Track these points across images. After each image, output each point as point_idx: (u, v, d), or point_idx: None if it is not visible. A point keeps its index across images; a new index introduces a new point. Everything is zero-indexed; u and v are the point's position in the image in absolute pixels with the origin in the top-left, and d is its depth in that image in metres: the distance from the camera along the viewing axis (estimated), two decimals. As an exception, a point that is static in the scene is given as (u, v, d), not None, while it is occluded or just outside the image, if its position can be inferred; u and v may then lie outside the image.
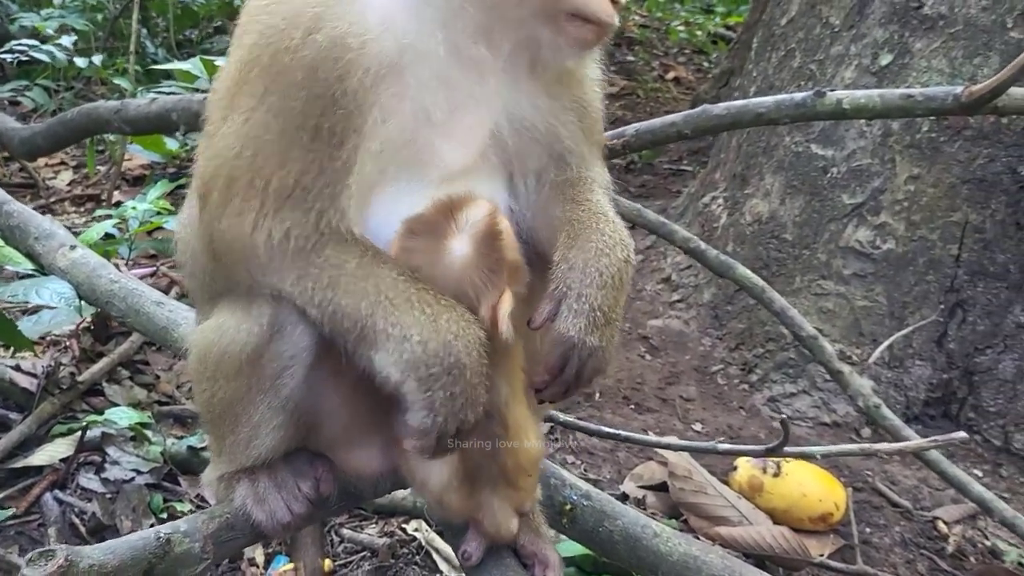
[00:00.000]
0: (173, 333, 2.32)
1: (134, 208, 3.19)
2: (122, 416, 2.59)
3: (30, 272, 2.59)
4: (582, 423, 2.61)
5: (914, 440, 2.50)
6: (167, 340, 2.34)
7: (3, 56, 4.64)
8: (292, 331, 1.38)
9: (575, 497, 2.11)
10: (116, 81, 4.42)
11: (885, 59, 3.16)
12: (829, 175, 3.27)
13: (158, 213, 3.25)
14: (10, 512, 2.46)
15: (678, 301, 3.86)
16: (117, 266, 3.17)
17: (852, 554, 2.63)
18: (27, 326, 2.75)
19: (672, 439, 2.85)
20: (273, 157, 1.33)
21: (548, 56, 1.47)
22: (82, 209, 4.94)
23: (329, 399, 1.49)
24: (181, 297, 3.73)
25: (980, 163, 2.98)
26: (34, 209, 4.75)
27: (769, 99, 2.59)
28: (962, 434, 2.08)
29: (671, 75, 8.38)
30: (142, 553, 1.48)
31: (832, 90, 2.50)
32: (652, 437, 2.75)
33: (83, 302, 2.49)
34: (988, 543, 2.75)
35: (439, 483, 1.49)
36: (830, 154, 3.27)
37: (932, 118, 3.03)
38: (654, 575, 2.11)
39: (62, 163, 5.58)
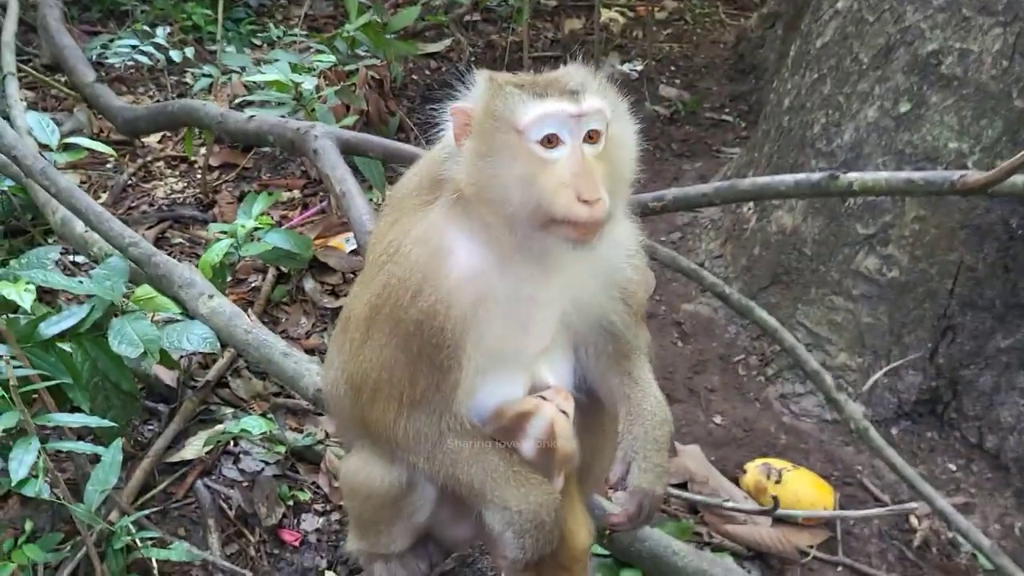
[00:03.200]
0: (300, 382, 2.94)
1: (243, 226, 3.74)
2: (255, 425, 3.23)
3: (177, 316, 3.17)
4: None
5: (904, 467, 3.06)
6: (296, 388, 2.96)
7: (111, 61, 5.06)
8: (423, 488, 2.00)
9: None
10: (205, 69, 4.84)
11: (904, 107, 3.51)
12: (847, 205, 3.69)
13: (258, 228, 3.81)
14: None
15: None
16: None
17: (836, 544, 3.28)
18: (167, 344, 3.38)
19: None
20: (404, 380, 1.90)
21: (560, 252, 1.88)
22: (177, 172, 5.49)
23: (443, 509, 2.12)
24: (278, 280, 4.35)
25: (978, 213, 3.39)
26: (134, 172, 5.35)
27: (790, 178, 3.04)
28: (915, 505, 2.65)
29: (721, -8, 8.43)
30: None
31: (846, 172, 2.94)
32: (699, 497, 3.29)
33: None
34: (950, 535, 3.37)
35: (514, 572, 2.12)
36: (849, 185, 3.67)
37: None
38: (673, 582, 2.78)
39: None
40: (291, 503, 3.25)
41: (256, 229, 3.84)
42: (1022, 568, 3.06)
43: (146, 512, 2.87)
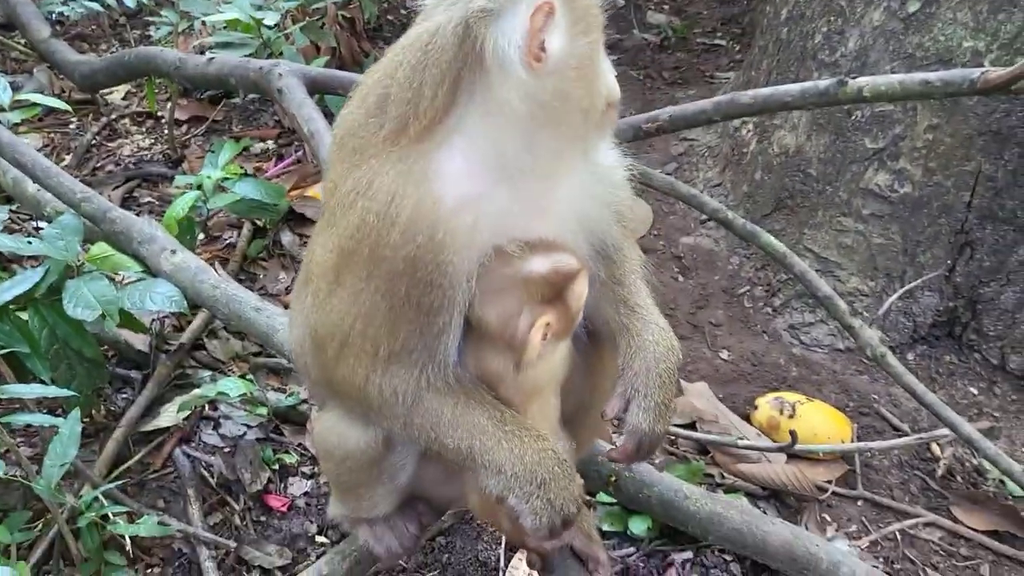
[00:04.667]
0: (274, 338, 2.72)
1: (209, 177, 3.49)
2: (232, 387, 3.01)
3: (140, 275, 2.95)
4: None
5: (925, 393, 2.86)
6: (270, 343, 2.75)
7: (62, 10, 4.74)
8: (403, 448, 1.77)
9: (619, 468, 2.57)
10: (164, 16, 4.54)
11: (913, 6, 3.24)
12: (853, 118, 3.44)
13: (227, 178, 3.56)
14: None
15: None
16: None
17: (855, 478, 3.10)
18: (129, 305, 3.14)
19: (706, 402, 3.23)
20: (382, 329, 1.63)
21: (591, 148, 1.75)
22: (143, 129, 5.21)
23: (430, 468, 1.91)
24: (254, 235, 4.11)
25: (996, 116, 3.14)
26: (99, 132, 5.09)
27: (795, 87, 2.78)
28: (944, 432, 2.45)
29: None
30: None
31: (854, 77, 2.70)
32: (702, 435, 3.10)
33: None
34: (975, 462, 3.19)
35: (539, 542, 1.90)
36: (855, 97, 3.41)
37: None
38: (685, 528, 2.61)
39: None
40: (276, 467, 3.07)
41: (225, 180, 3.60)
42: (1054, 492, 2.90)
43: (115, 484, 2.67)
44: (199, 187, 3.51)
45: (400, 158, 1.61)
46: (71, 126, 5.22)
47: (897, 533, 2.92)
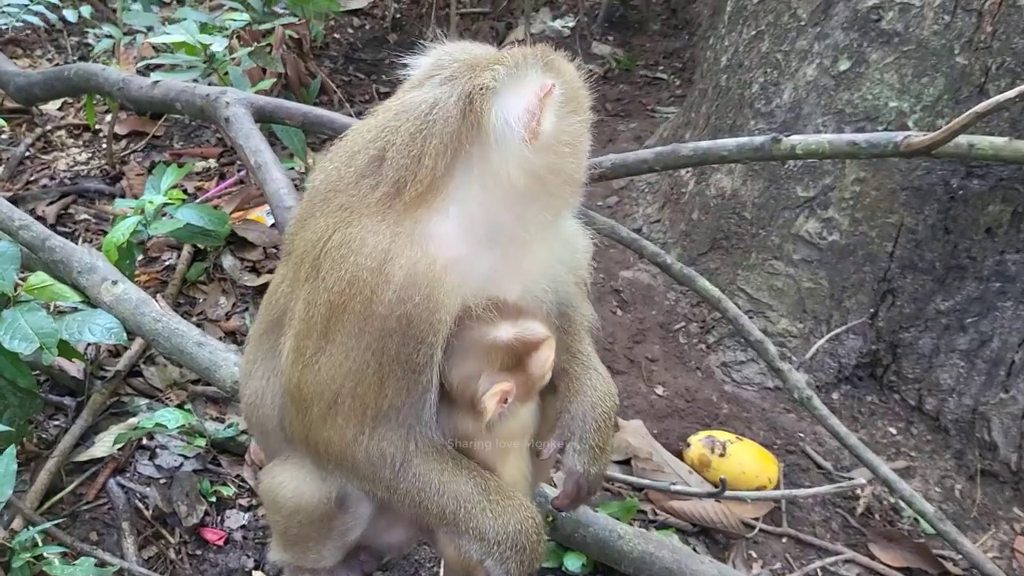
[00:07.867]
0: (216, 374, 2.72)
1: (151, 203, 3.46)
2: (170, 418, 2.99)
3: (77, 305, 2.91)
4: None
5: (848, 435, 3.01)
6: (212, 380, 2.74)
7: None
8: (356, 506, 1.82)
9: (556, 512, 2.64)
10: (105, 29, 4.47)
11: (843, 64, 3.40)
12: (787, 167, 3.59)
13: (169, 203, 3.53)
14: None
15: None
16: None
17: (780, 515, 3.22)
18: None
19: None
20: (372, 388, 1.66)
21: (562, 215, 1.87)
22: (80, 142, 5.11)
23: (380, 520, 1.94)
24: (194, 257, 4.07)
25: (918, 174, 3.31)
26: (33, 143, 4.97)
27: (732, 142, 2.91)
28: (861, 480, 2.58)
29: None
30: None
31: (788, 135, 2.83)
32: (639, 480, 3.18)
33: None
34: (892, 500, 3.35)
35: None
36: (789, 147, 3.56)
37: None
38: (619, 567, 2.69)
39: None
40: (214, 499, 3.05)
41: (167, 204, 3.57)
42: (963, 531, 3.06)
43: (52, 522, 2.63)
44: (140, 212, 3.47)
45: (396, 220, 1.67)
46: (3, 136, 5.09)
47: (819, 570, 3.05)
